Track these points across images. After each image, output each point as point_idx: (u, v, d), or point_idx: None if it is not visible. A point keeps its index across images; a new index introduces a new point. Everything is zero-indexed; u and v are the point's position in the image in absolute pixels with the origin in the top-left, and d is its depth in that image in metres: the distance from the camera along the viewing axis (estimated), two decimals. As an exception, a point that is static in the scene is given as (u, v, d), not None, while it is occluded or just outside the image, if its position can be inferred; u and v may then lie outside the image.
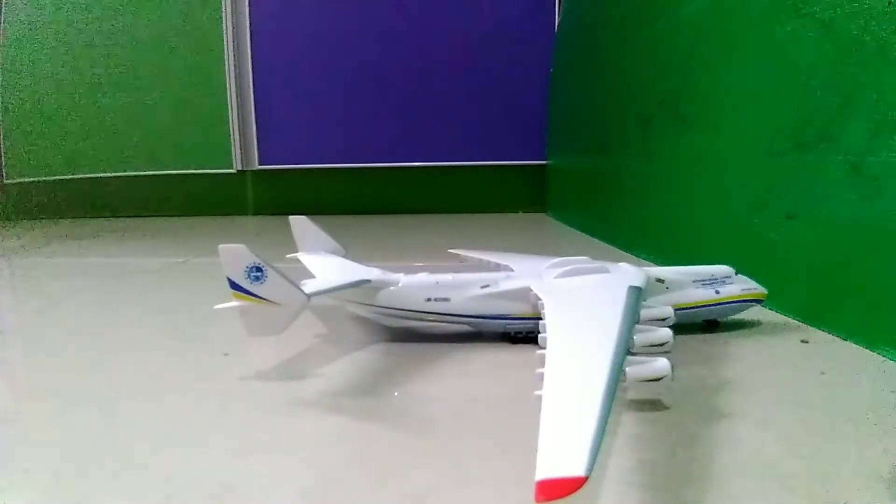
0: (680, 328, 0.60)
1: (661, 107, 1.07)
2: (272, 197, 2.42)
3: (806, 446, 0.38)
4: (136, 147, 2.42)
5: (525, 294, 0.58)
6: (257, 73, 2.34)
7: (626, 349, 0.40)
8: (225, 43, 2.31)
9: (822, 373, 0.51)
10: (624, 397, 0.46)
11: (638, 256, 1.12)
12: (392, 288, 0.61)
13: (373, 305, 0.62)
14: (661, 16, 1.09)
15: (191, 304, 0.82)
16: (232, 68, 2.32)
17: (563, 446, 0.29)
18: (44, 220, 2.35)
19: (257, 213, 2.44)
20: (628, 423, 0.42)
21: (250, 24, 2.32)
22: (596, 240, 1.39)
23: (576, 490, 0.26)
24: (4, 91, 2.52)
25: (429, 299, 0.60)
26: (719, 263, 0.65)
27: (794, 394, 0.47)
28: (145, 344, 0.65)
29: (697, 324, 0.63)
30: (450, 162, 2.29)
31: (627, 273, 0.58)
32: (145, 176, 2.42)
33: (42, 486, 0.36)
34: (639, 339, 0.45)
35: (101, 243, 1.63)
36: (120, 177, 2.43)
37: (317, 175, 2.36)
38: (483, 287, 0.60)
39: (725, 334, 0.63)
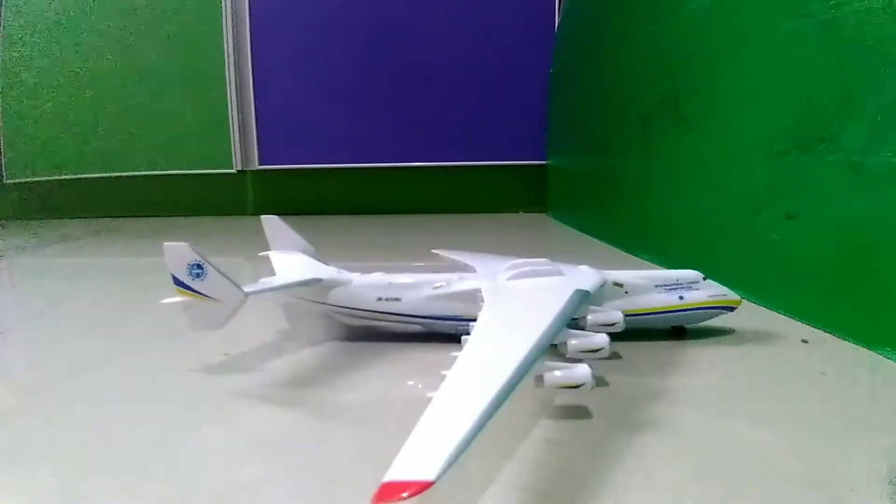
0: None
1: (661, 107, 1.07)
2: (272, 197, 2.42)
3: (806, 446, 0.38)
4: (136, 147, 2.42)
5: (475, 295, 0.57)
6: (257, 73, 2.34)
7: (543, 354, 0.39)
8: (225, 43, 2.30)
9: (823, 373, 0.51)
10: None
11: (638, 256, 1.12)
12: (344, 287, 0.62)
13: (326, 304, 0.63)
14: (661, 16, 1.09)
15: None
16: (232, 68, 2.32)
17: (423, 450, 0.28)
18: (44, 220, 2.35)
19: (257, 213, 2.42)
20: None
21: (250, 24, 2.32)
22: (596, 240, 1.39)
23: (416, 493, 0.25)
24: (4, 91, 2.52)
25: (380, 299, 0.61)
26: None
27: (795, 393, 0.47)
28: (145, 344, 0.65)
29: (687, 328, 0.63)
30: (450, 162, 2.29)
31: (582, 276, 0.57)
32: (145, 176, 2.42)
33: (42, 487, 0.36)
34: (574, 344, 0.45)
35: (101, 243, 1.63)
36: (120, 177, 2.43)
37: (317, 175, 2.36)
38: (435, 288, 0.61)
39: (724, 334, 0.63)
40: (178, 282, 0.51)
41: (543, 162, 2.19)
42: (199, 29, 2.32)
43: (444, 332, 0.61)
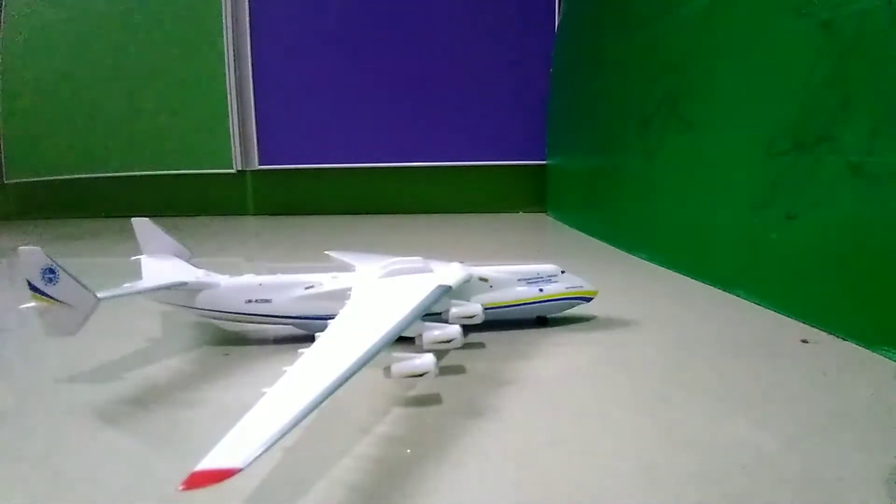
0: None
1: (661, 107, 1.07)
2: (272, 197, 2.42)
3: (806, 446, 0.38)
4: (136, 147, 2.42)
5: (345, 294, 0.58)
6: (257, 73, 2.34)
7: (387, 346, 0.43)
8: (225, 43, 2.30)
9: (823, 373, 0.51)
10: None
11: (638, 256, 1.12)
12: (211, 290, 0.61)
13: (193, 308, 0.62)
14: (661, 16, 1.09)
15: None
16: (232, 68, 2.32)
17: (239, 440, 0.29)
18: (44, 220, 2.35)
19: (257, 213, 2.44)
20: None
21: (250, 24, 2.32)
22: (596, 239, 1.39)
23: (220, 481, 0.26)
24: (4, 91, 2.52)
25: (249, 301, 0.60)
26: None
27: (795, 394, 0.47)
28: (144, 343, 0.65)
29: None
30: (450, 162, 2.29)
31: (448, 273, 0.60)
32: (145, 176, 2.42)
33: (41, 487, 0.36)
34: (427, 336, 0.49)
35: (101, 243, 1.63)
36: (120, 177, 2.43)
37: (317, 175, 2.36)
38: (307, 288, 0.61)
39: (724, 334, 0.63)
40: (32, 287, 0.51)
41: (543, 162, 2.19)
42: (199, 29, 2.32)
43: (319, 333, 0.60)
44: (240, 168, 2.37)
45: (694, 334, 0.63)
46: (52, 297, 0.51)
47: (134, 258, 0.71)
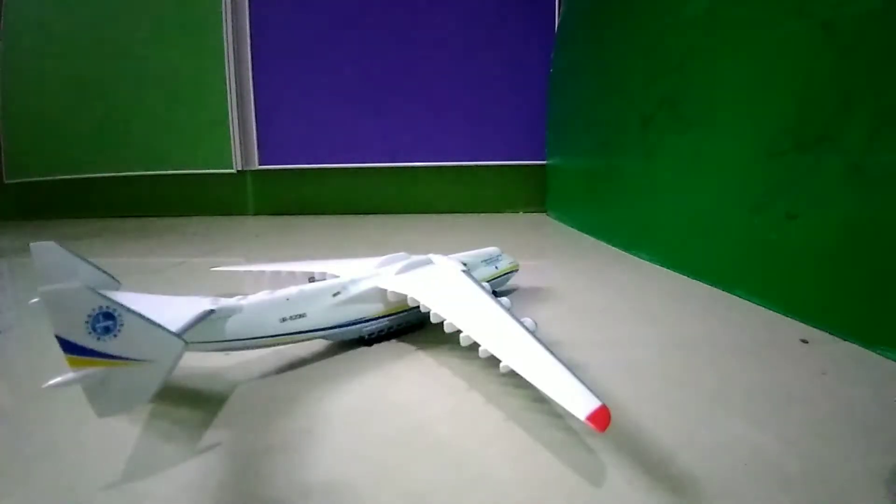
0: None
1: (661, 107, 1.07)
2: (272, 197, 2.42)
3: (806, 446, 0.38)
4: (136, 147, 2.42)
5: (377, 294, 0.58)
6: (257, 73, 2.34)
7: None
8: (225, 43, 2.31)
9: (823, 373, 0.51)
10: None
11: (638, 256, 1.12)
12: (239, 315, 0.50)
13: (222, 342, 0.49)
14: (662, 16, 1.09)
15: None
16: (232, 68, 2.32)
17: (569, 395, 0.36)
18: (44, 220, 2.35)
19: (257, 213, 2.44)
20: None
21: (250, 24, 2.32)
22: (595, 239, 1.39)
23: (605, 417, 0.34)
24: (4, 91, 2.52)
25: (284, 319, 0.52)
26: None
27: (795, 394, 0.47)
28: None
29: None
30: (450, 162, 2.29)
31: (448, 263, 0.66)
32: (145, 176, 2.42)
33: (40, 487, 0.36)
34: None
35: (101, 243, 1.63)
36: (120, 177, 2.43)
37: (317, 175, 2.36)
38: (335, 294, 0.57)
39: (724, 334, 0.63)
40: (70, 346, 0.33)
41: (543, 162, 2.19)
42: (199, 29, 2.32)
43: (349, 339, 0.59)
44: (240, 168, 2.37)
45: (694, 334, 0.63)
46: (111, 357, 0.35)
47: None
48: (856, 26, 0.60)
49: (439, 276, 0.61)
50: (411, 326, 0.64)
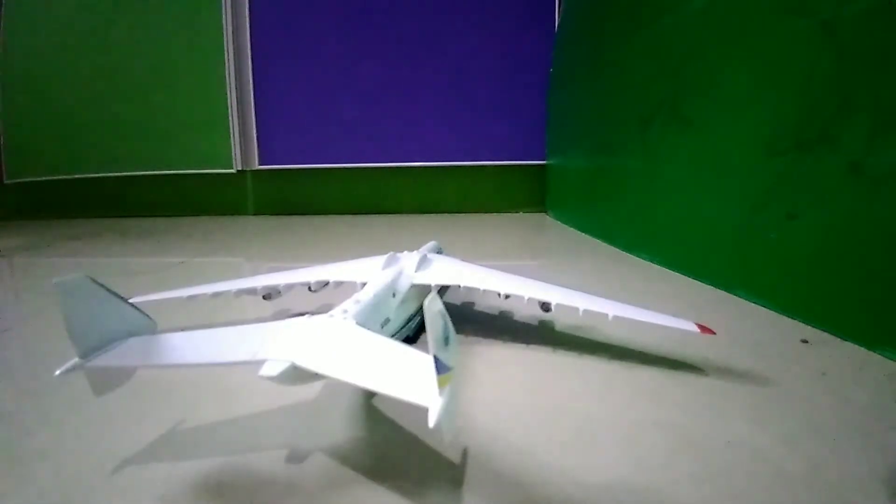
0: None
1: (661, 107, 1.07)
2: (272, 197, 2.43)
3: (806, 446, 0.38)
4: (136, 147, 2.42)
5: (415, 292, 0.60)
6: (257, 73, 2.34)
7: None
8: (225, 43, 2.31)
9: (823, 373, 0.51)
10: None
11: (638, 256, 1.12)
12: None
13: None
14: (661, 16, 1.09)
15: (189, 305, 0.81)
16: (232, 68, 2.32)
17: (669, 321, 0.52)
18: (44, 220, 2.35)
19: (257, 213, 2.44)
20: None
21: (250, 23, 2.33)
22: (595, 239, 1.39)
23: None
24: (5, 91, 2.52)
25: (382, 325, 0.48)
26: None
27: (795, 394, 0.47)
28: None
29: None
30: (450, 162, 2.29)
31: (431, 253, 0.70)
32: (145, 176, 2.42)
33: (40, 488, 0.36)
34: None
35: (102, 243, 1.63)
36: (120, 177, 2.44)
37: (317, 175, 2.36)
38: (394, 296, 0.55)
39: (724, 334, 0.63)
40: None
41: (543, 162, 2.19)
42: (199, 29, 2.32)
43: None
44: (240, 168, 2.37)
45: (693, 334, 0.63)
46: None
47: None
48: (856, 26, 0.60)
49: (454, 265, 0.67)
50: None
